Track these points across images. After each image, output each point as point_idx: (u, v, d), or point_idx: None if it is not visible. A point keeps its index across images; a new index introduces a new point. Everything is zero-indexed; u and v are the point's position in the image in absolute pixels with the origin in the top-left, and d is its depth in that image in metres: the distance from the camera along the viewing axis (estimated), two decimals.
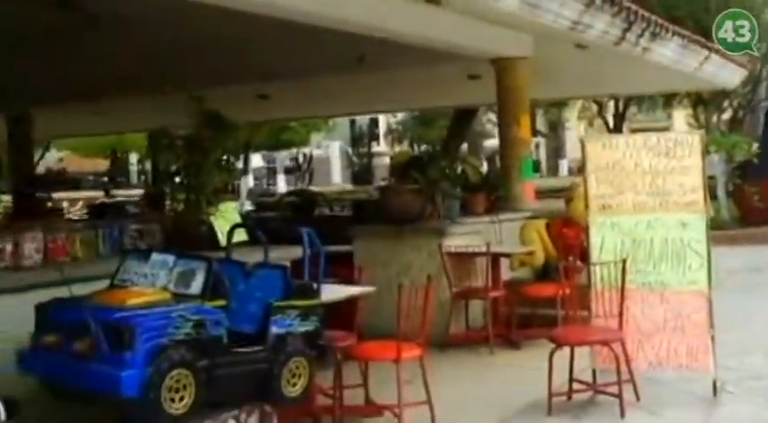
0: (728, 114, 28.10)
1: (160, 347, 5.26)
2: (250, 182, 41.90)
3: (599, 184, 8.25)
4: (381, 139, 56.83)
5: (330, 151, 55.55)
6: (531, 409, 7.86)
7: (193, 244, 7.76)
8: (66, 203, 22.90)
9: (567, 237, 11.19)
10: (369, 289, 7.77)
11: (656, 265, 8.07)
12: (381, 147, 56.02)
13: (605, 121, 34.81)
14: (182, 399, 5.40)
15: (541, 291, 10.51)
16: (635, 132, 23.60)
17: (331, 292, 6.90)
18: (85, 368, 5.28)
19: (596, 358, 8.09)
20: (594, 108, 36.61)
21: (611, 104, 33.92)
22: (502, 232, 11.75)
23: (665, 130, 28.68)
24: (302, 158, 38.45)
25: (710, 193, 10.58)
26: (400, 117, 48.44)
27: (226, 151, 8.46)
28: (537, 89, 13.93)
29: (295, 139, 42.20)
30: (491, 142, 32.74)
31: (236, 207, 8.50)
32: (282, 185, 48.80)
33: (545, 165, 53.80)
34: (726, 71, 15.02)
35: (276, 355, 5.95)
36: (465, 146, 23.71)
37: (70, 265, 7.26)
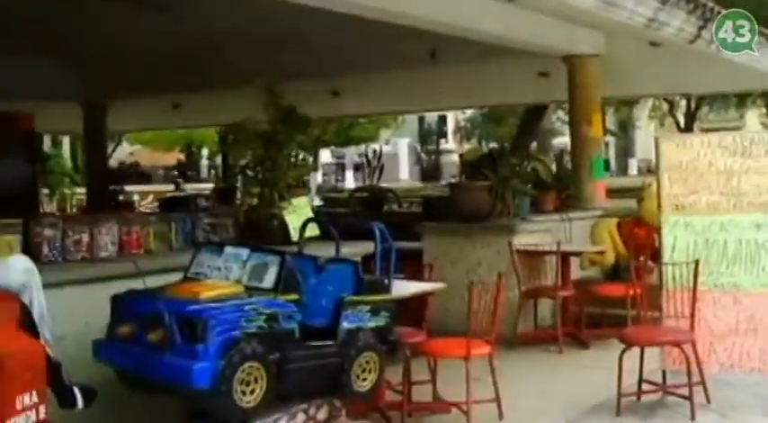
0: None
1: (233, 340, 5.29)
2: (318, 178, 42.07)
3: (672, 183, 8.17)
4: (450, 136, 56.78)
5: (398, 148, 55.56)
6: (599, 409, 7.82)
7: (265, 238, 7.79)
8: (137, 197, 23.19)
9: (639, 236, 11.12)
10: (439, 285, 7.77)
11: (728, 267, 7.98)
12: (450, 144, 55.96)
13: (676, 121, 34.46)
14: (253, 392, 5.42)
15: (611, 290, 10.45)
16: (706, 132, 23.27)
17: (401, 288, 6.91)
18: (158, 359, 5.31)
19: (667, 359, 8.02)
20: (665, 107, 36.23)
21: (682, 103, 33.56)
22: (572, 231, 11.70)
23: (736, 129, 28.26)
24: (372, 155, 38.44)
25: None
26: (469, 114, 48.32)
27: (300, 147, 8.49)
28: (608, 87, 13.82)
29: (364, 136, 42.30)
30: (560, 140, 32.57)
31: (309, 202, 8.55)
32: (351, 181, 48.91)
33: (614, 164, 53.32)
34: None
35: (347, 349, 5.96)
36: (534, 144, 23.56)
37: (144, 257, 7.28)
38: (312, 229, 7.40)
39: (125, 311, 5.70)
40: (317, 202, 19.16)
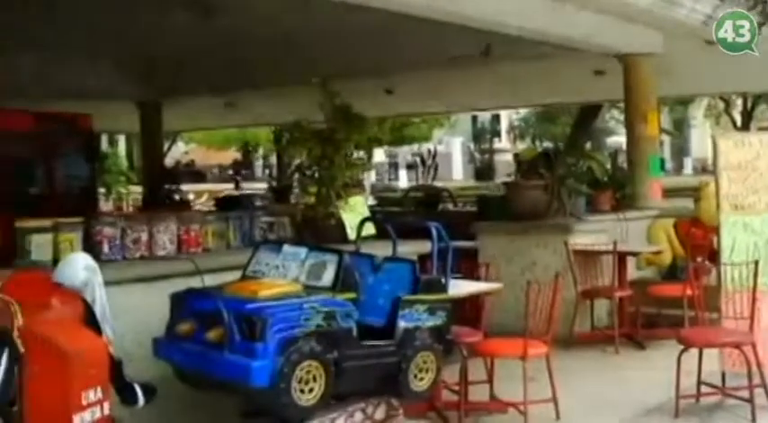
0: None
1: (291, 339, 5.31)
2: (372, 177, 42.09)
3: (731, 183, 8.08)
4: (503, 135, 56.61)
5: (452, 147, 55.51)
6: (657, 410, 7.77)
7: (322, 237, 7.81)
8: (192, 196, 23.34)
9: (696, 236, 11.03)
10: (496, 285, 7.76)
11: None
12: (503, 143, 55.79)
13: (732, 119, 34.12)
14: (311, 390, 5.44)
15: (668, 291, 10.37)
16: (763, 130, 23.01)
17: (458, 288, 6.90)
18: (217, 357, 5.34)
19: (726, 361, 7.93)
20: (721, 105, 35.88)
21: (738, 102, 33.22)
22: (627, 231, 11.62)
23: None
24: (426, 154, 38.43)
25: None
26: (522, 113, 48.14)
27: (357, 145, 8.51)
28: (664, 86, 13.70)
29: (417, 135, 42.27)
30: (614, 140, 32.35)
31: (365, 201, 8.56)
32: (404, 181, 48.91)
33: (670, 163, 52.87)
34: None
35: (404, 349, 5.95)
36: (588, 143, 23.43)
37: (202, 255, 7.33)
38: (368, 228, 7.42)
39: (184, 309, 5.75)
40: (370, 201, 19.17)
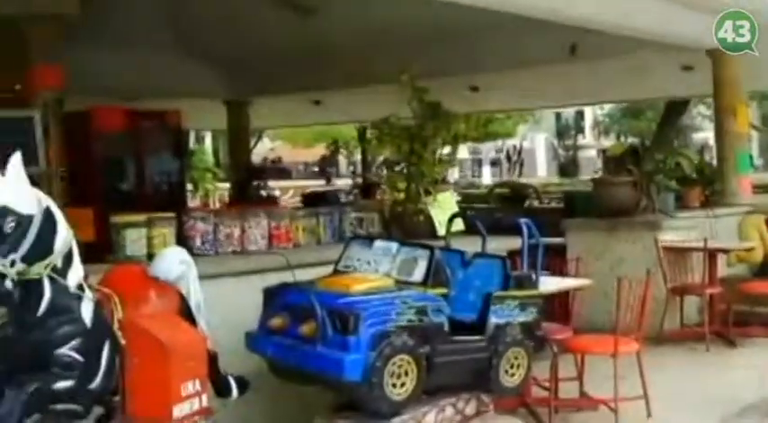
0: None
1: (383, 333, 5.33)
2: (455, 173, 42.04)
3: None
4: (587, 131, 56.15)
5: (535, 143, 55.22)
6: (750, 409, 7.65)
7: (410, 232, 7.85)
8: (278, 192, 23.53)
9: None
10: (586, 282, 7.72)
11: None
12: (587, 139, 55.34)
13: None
14: (403, 384, 5.46)
15: (760, 288, 10.23)
16: None
17: (547, 284, 6.88)
18: (310, 351, 5.39)
19: None
20: None
21: None
22: (717, 227, 11.46)
23: None
24: (512, 150, 38.33)
25: None
26: (607, 109, 47.69)
27: (445, 142, 8.53)
28: (753, 81, 13.48)
29: (501, 132, 42.09)
30: (701, 135, 31.96)
31: (453, 197, 8.58)
32: (487, 177, 48.79)
33: (758, 159, 52.00)
34: None
35: (495, 344, 5.95)
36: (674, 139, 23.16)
37: (292, 250, 7.40)
38: (457, 224, 7.42)
39: (277, 304, 5.81)
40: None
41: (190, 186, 23.32)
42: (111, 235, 6.80)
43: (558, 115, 54.48)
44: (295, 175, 47.82)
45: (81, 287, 4.49)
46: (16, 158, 4.15)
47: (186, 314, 4.98)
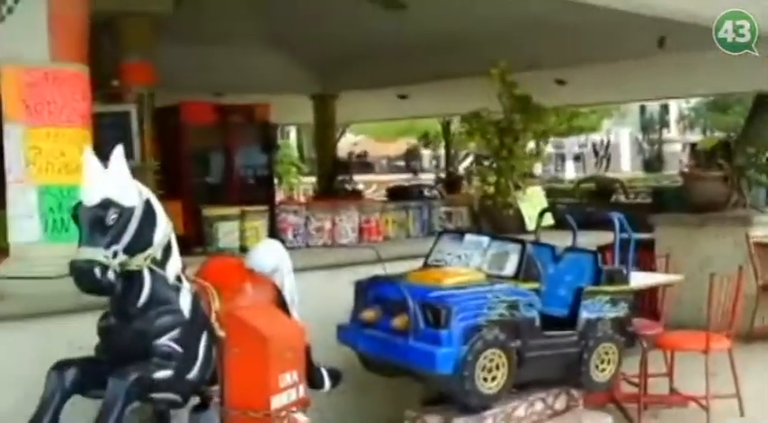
0: None
1: (475, 327, 5.35)
2: (538, 168, 41.83)
3: None
4: (672, 125, 55.40)
5: (620, 138, 54.63)
6: None
7: (500, 226, 7.85)
8: (362, 186, 23.62)
9: None
10: (677, 277, 7.66)
11: None
12: (672, 133, 54.62)
13: None
14: (494, 378, 5.47)
15: None
16: None
17: (636, 279, 6.84)
18: (401, 344, 5.42)
19: None
20: None
21: None
22: None
23: None
24: (599, 144, 37.98)
25: None
26: (693, 103, 46.98)
27: (536, 135, 8.51)
28: None
29: (585, 126, 41.74)
30: None
31: (542, 192, 8.56)
32: (571, 172, 48.40)
33: None
34: None
35: (586, 339, 5.94)
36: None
37: (382, 244, 7.45)
38: (546, 219, 7.41)
39: (369, 297, 5.85)
40: None
41: (275, 180, 23.51)
42: (204, 228, 6.92)
43: (643, 109, 53.81)
44: (377, 169, 47.92)
45: (179, 279, 4.58)
46: (119, 152, 4.24)
47: (281, 306, 5.05)
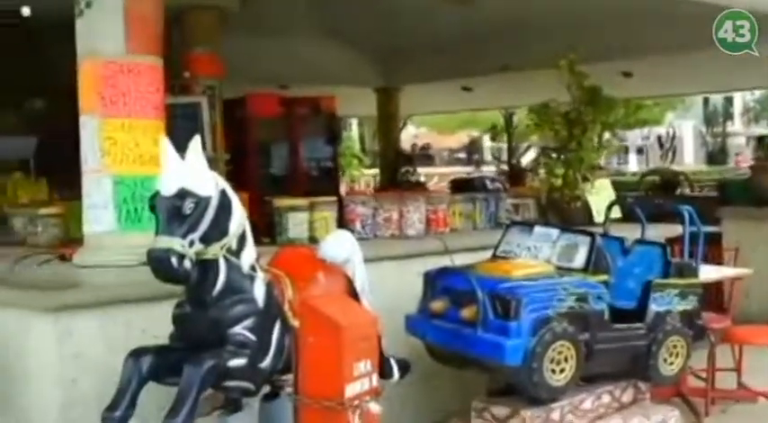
0: None
1: (544, 319, 5.35)
2: (601, 160, 41.51)
3: None
4: (736, 118, 54.78)
5: (683, 130, 54.10)
6: None
7: (568, 219, 7.84)
8: (424, 178, 23.66)
9: None
10: (746, 271, 7.61)
11: None
12: (736, 126, 54.02)
13: None
14: (562, 370, 5.47)
15: None
16: None
17: (705, 273, 6.80)
18: (470, 335, 5.43)
19: None
20: None
21: None
22: None
23: None
24: (665, 137, 37.60)
25: None
26: (758, 94, 46.40)
27: (605, 127, 8.47)
28: None
29: (649, 118, 41.38)
30: None
31: (610, 184, 8.52)
32: (634, 164, 48.02)
33: None
34: None
35: (654, 332, 5.92)
36: None
37: (449, 235, 7.47)
38: (615, 211, 7.39)
39: (437, 287, 5.87)
40: None
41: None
42: (274, 218, 6.98)
43: (706, 101, 53.27)
44: (438, 161, 47.87)
45: (254, 268, 4.63)
46: (196, 142, 4.31)
47: (353, 296, 5.09)
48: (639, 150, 52.15)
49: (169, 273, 4.18)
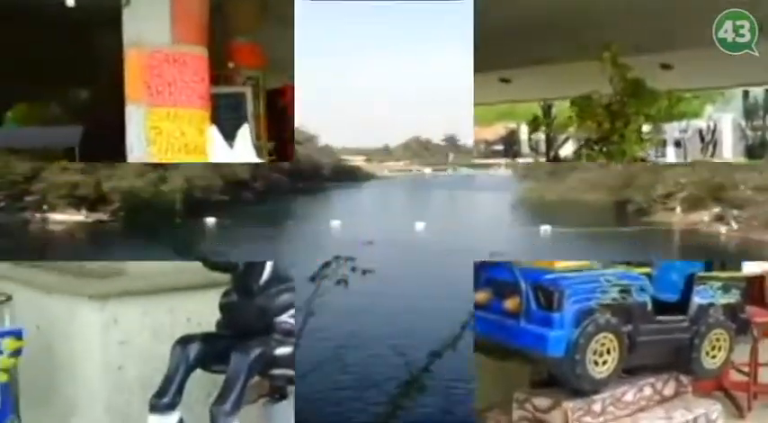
0: None
1: (587, 310, 5.36)
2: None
3: None
4: None
5: (722, 124, 53.66)
6: None
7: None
8: None
9: None
10: None
11: None
12: None
13: None
14: (604, 362, 5.48)
15: None
16: None
17: (749, 266, 6.76)
18: (513, 326, 5.46)
19: None
20: None
21: None
22: None
23: None
24: (705, 130, 37.42)
25: None
26: None
27: (648, 120, 8.41)
28: None
29: (688, 111, 41.13)
30: None
31: None
32: (672, 157, 47.69)
33: None
34: None
35: (697, 325, 5.91)
36: None
37: None
38: None
39: (481, 279, 5.88)
40: None
41: None
42: None
43: (746, 94, 52.78)
44: (475, 153, 47.78)
45: None
46: (245, 130, 4.34)
47: None
48: (677, 143, 51.77)
49: (217, 262, 4.22)
